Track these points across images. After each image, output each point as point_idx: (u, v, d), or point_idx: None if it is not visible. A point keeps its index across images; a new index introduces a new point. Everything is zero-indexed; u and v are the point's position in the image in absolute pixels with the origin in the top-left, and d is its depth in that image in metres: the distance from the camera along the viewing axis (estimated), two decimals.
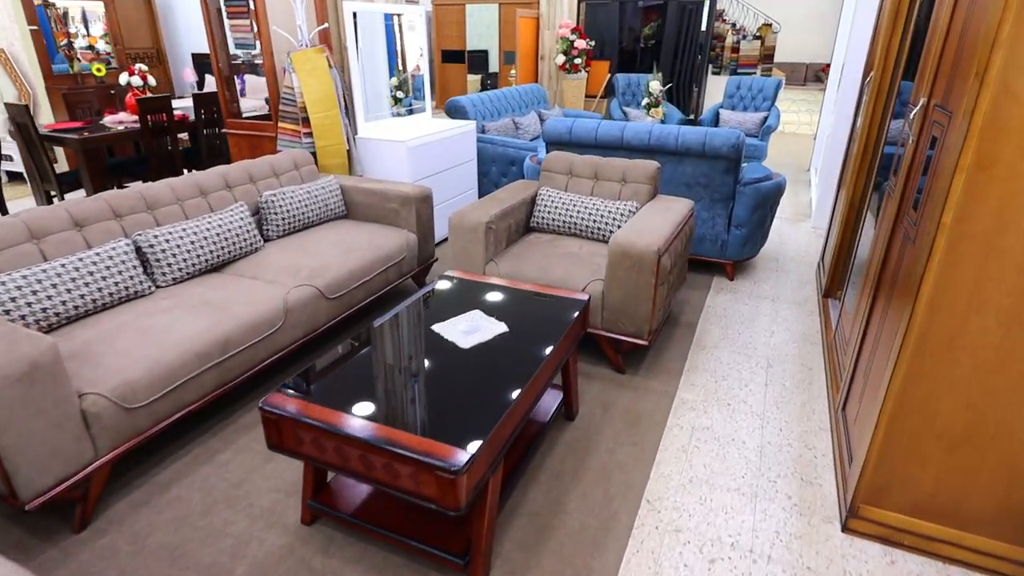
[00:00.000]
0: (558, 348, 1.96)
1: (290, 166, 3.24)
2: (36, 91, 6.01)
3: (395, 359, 1.87)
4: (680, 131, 3.41)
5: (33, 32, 5.61)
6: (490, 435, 1.51)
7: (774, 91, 6.35)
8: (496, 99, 5.51)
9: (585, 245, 2.90)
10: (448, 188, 4.22)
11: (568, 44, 6.66)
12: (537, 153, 4.35)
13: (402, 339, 1.95)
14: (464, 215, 2.79)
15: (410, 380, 1.75)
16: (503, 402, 1.63)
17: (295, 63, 3.45)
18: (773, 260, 4.01)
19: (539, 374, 1.81)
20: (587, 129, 3.62)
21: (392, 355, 1.88)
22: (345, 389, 1.69)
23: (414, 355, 1.88)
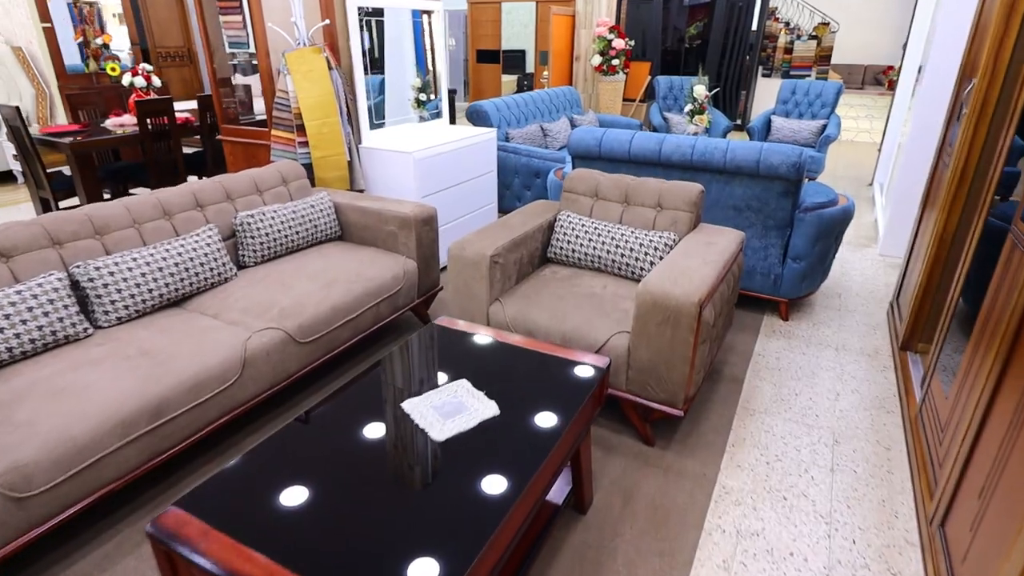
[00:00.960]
0: (564, 441, 1.50)
1: (276, 181, 2.86)
2: (51, 90, 5.84)
3: (343, 455, 1.43)
4: (729, 146, 2.89)
5: (46, 29, 5.44)
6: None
7: (834, 96, 5.71)
8: (523, 103, 5.06)
9: (610, 284, 2.42)
10: (463, 203, 3.78)
11: (605, 44, 6.15)
12: (564, 166, 3.88)
13: (358, 423, 1.51)
14: (465, 246, 2.34)
15: (357, 496, 1.31)
16: (478, 534, 1.18)
17: (290, 64, 3.07)
18: (834, 296, 3.44)
19: (534, 483, 1.35)
20: (619, 141, 3.13)
21: (340, 448, 1.44)
22: (264, 506, 1.26)
23: (367, 452, 1.44)
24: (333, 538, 1.17)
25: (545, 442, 1.45)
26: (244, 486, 1.31)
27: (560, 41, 6.56)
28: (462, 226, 3.81)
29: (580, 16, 6.61)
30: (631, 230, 2.48)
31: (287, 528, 1.19)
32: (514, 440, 1.46)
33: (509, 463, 1.38)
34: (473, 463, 1.38)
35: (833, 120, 5.57)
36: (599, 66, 6.22)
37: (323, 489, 1.30)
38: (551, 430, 1.49)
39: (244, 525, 1.20)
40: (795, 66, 9.76)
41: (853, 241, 4.34)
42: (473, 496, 1.28)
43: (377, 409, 1.57)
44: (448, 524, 1.21)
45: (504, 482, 1.31)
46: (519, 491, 1.29)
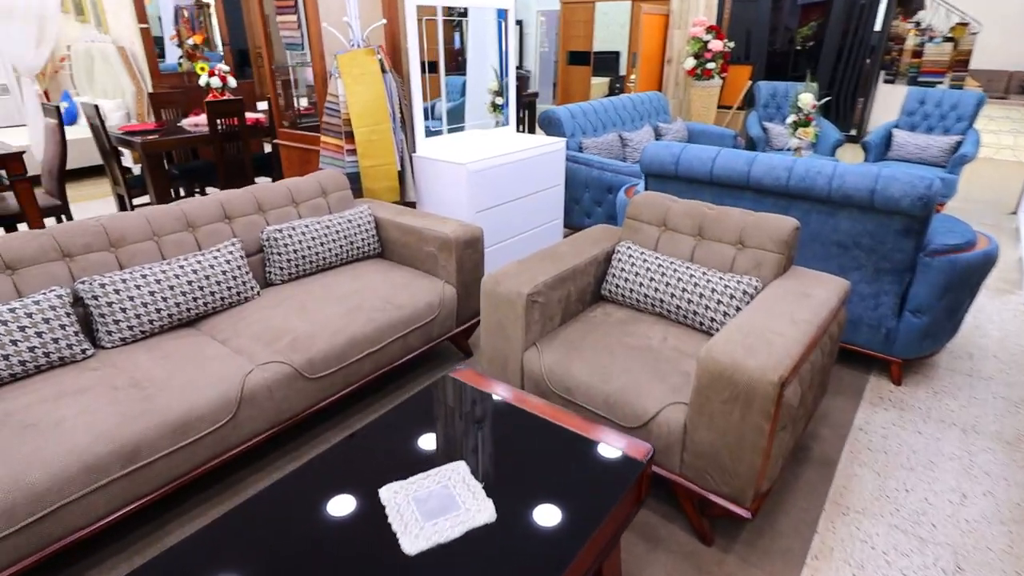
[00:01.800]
0: (578, 564, 1.14)
1: (314, 192, 2.66)
2: (150, 89, 6.11)
3: (284, 563, 1.15)
4: (837, 170, 2.37)
5: (143, 30, 5.67)
6: None
7: (973, 108, 4.86)
8: (602, 110, 4.65)
9: (672, 335, 2.00)
10: (524, 219, 3.46)
11: (701, 45, 5.61)
12: (639, 182, 3.46)
13: (316, 514, 1.23)
14: (501, 280, 2.01)
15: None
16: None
17: (341, 66, 2.87)
18: (964, 355, 2.80)
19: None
20: (700, 160, 2.69)
21: (282, 552, 1.16)
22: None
23: (314, 563, 1.15)
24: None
25: (550, 569, 1.10)
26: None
27: (651, 42, 6.08)
28: (522, 243, 3.49)
29: (675, 15, 6.09)
30: (703, 271, 2.05)
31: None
32: (508, 561, 1.12)
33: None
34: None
35: (970, 136, 4.74)
36: (692, 70, 5.69)
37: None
38: (562, 549, 1.14)
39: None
40: (925, 71, 8.64)
41: (991, 285, 3.60)
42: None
43: (348, 493, 1.28)
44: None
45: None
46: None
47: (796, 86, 5.51)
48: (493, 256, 3.28)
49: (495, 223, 3.25)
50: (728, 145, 5.22)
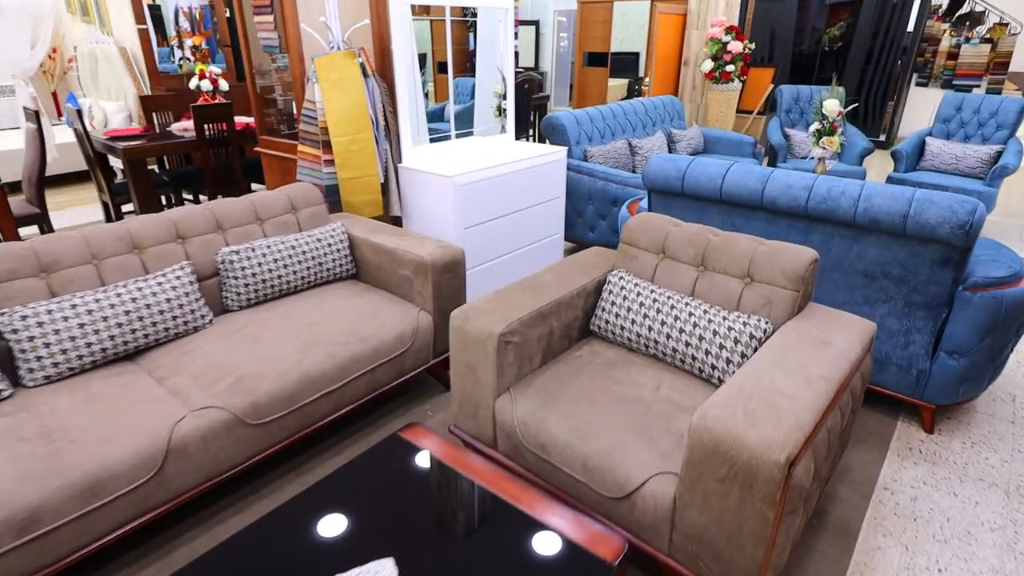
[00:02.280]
0: None
1: (283, 207, 2.44)
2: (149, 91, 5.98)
3: None
4: (864, 191, 2.08)
5: (141, 31, 5.54)
6: None
7: (1016, 116, 4.48)
8: (610, 115, 4.38)
9: (667, 382, 1.74)
10: (520, 235, 3.21)
11: (719, 47, 5.30)
12: (644, 196, 3.18)
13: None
14: (471, 316, 1.77)
15: None
16: None
17: (319, 70, 2.66)
18: (1006, 397, 2.48)
19: None
20: (709, 176, 2.41)
21: None
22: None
23: None
24: None
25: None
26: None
27: (667, 43, 5.79)
28: (517, 261, 3.24)
29: (692, 15, 5.79)
30: (705, 309, 1.78)
31: None
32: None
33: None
34: None
35: (1012, 146, 4.37)
36: (710, 72, 5.38)
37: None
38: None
39: None
40: (960, 74, 8.18)
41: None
42: None
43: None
44: None
45: None
46: None
47: (821, 90, 5.17)
48: (484, 276, 3.04)
49: (487, 240, 3.00)
50: (747, 153, 4.91)
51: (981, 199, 4.15)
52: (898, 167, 4.63)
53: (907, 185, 4.57)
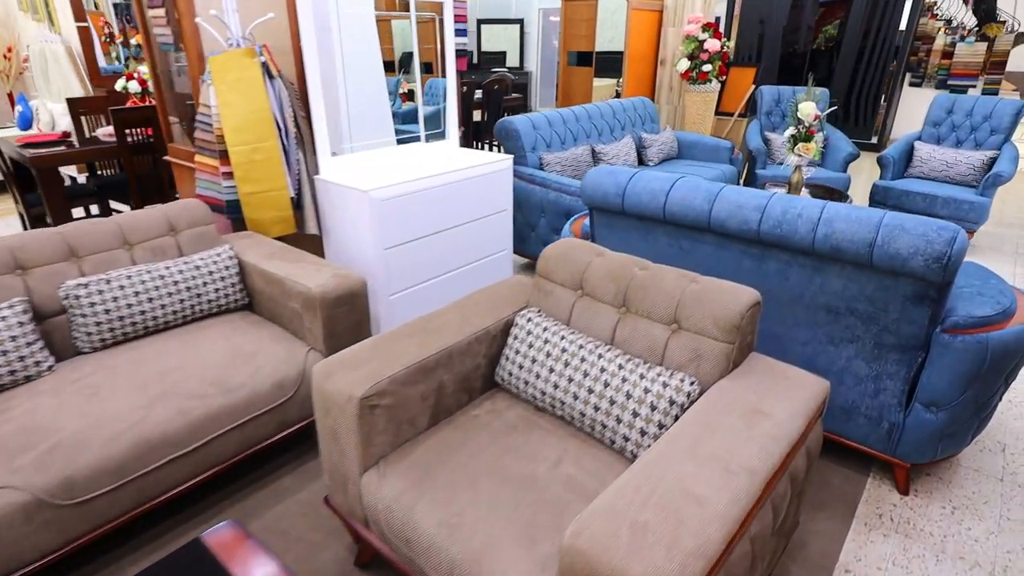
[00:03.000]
0: None
1: (158, 229, 2.12)
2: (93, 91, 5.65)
3: None
4: (826, 213, 1.76)
5: (80, 29, 5.22)
6: None
7: (1011, 118, 4.16)
8: (572, 119, 4.05)
9: (571, 453, 1.42)
10: (459, 253, 2.88)
11: (695, 45, 4.98)
12: None
13: None
14: (333, 371, 1.44)
15: None
16: None
17: (213, 71, 2.33)
18: (994, 447, 2.16)
19: None
20: (651, 192, 2.08)
21: None
22: None
23: None
24: None
25: None
26: None
27: (641, 41, 5.47)
28: (457, 282, 2.91)
29: (669, 12, 5.47)
30: (620, 363, 1.45)
31: None
32: None
33: None
34: None
35: (1007, 152, 4.04)
36: (686, 72, 5.06)
37: None
38: None
39: None
40: (955, 74, 7.86)
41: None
42: None
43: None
44: None
45: None
46: None
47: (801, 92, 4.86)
48: (414, 301, 2.71)
49: (416, 260, 2.67)
50: (724, 159, 4.58)
51: (972, 209, 3.84)
52: (884, 174, 4.31)
53: (894, 192, 4.29)
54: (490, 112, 5.99)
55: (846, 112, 8.04)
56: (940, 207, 3.96)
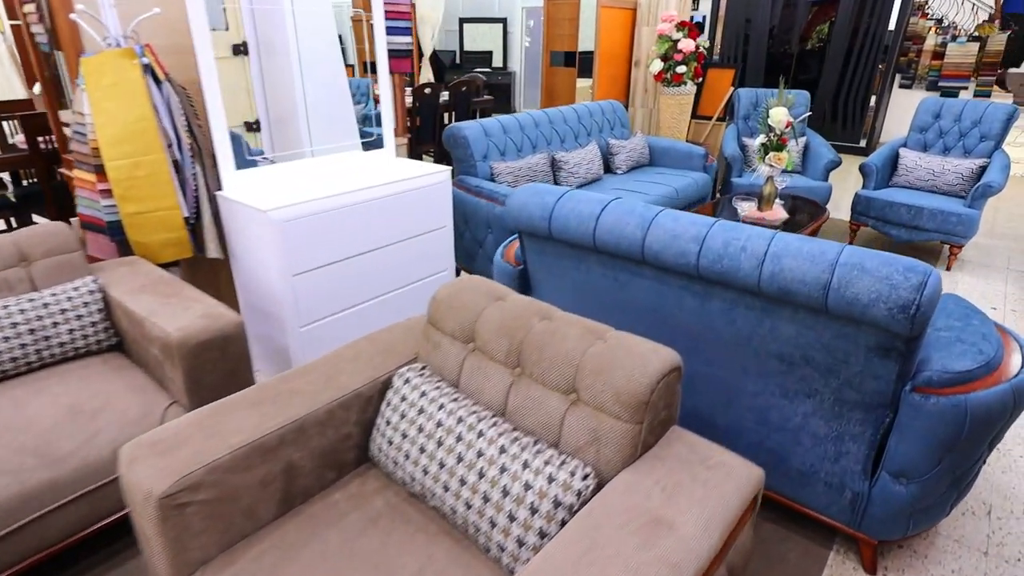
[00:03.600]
0: None
1: (6, 259, 1.81)
2: None
3: None
4: (773, 246, 1.46)
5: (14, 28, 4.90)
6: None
7: (1003, 123, 3.87)
8: (531, 124, 3.76)
9: (439, 560, 1.12)
10: (390, 276, 2.58)
11: (669, 45, 4.69)
12: None
13: None
14: (138, 456, 1.14)
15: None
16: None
17: (86, 74, 2.03)
18: (978, 509, 1.87)
19: None
20: (580, 216, 1.79)
21: None
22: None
23: None
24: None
25: None
26: None
27: (612, 40, 5.18)
28: (388, 307, 2.61)
29: (643, 9, 5.18)
30: (504, 444, 1.15)
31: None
32: None
33: None
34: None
35: (997, 160, 3.76)
36: (659, 74, 4.77)
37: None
38: None
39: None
40: (946, 75, 7.58)
41: None
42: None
43: None
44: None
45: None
46: None
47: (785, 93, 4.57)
48: (334, 332, 2.41)
49: (334, 287, 2.37)
50: (697, 166, 4.29)
51: (960, 222, 3.56)
52: (867, 183, 4.02)
53: (877, 203, 4.00)
54: (458, 116, 5.69)
55: (834, 114, 7.77)
56: (926, 219, 3.67)
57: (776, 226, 3.18)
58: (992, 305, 3.29)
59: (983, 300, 3.34)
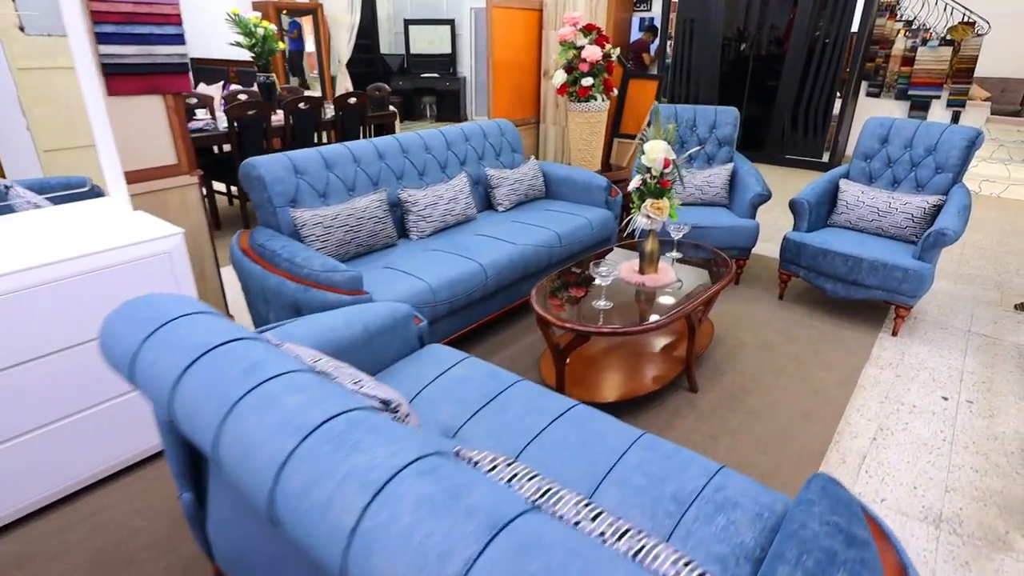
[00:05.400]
0: None
1: None
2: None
3: None
4: (374, 508, 0.69)
5: None
6: None
7: (962, 152, 3.12)
8: (371, 155, 2.97)
9: None
10: (71, 392, 1.80)
11: (573, 53, 3.92)
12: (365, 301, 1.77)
13: None
14: None
15: None
16: None
17: None
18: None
19: None
20: (159, 371, 1.01)
21: None
22: None
23: None
24: None
25: None
26: None
27: (513, 48, 4.42)
28: (71, 434, 1.83)
29: (549, 10, 4.42)
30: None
31: None
32: None
33: None
34: None
35: (955, 199, 3.00)
36: (562, 87, 4.00)
37: None
38: None
39: None
40: (917, 82, 6.86)
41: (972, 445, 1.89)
42: None
43: None
44: None
45: None
46: None
47: (706, 110, 3.82)
48: None
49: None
50: (598, 201, 3.53)
51: (907, 279, 2.79)
52: (799, 223, 3.27)
53: (808, 251, 3.10)
54: (345, 135, 4.91)
55: (793, 126, 7.03)
56: (866, 274, 2.92)
57: (668, 292, 2.41)
58: (944, 393, 2.54)
59: (933, 385, 2.59)
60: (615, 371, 2.50)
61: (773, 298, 3.40)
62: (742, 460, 2.11)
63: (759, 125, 7.27)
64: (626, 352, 2.62)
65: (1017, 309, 3.32)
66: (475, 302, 2.69)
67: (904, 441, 2.24)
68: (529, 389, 1.71)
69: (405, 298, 2.33)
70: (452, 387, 1.72)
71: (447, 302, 2.50)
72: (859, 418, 2.36)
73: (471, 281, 2.60)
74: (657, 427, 2.28)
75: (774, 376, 2.63)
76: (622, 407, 2.36)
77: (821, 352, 2.83)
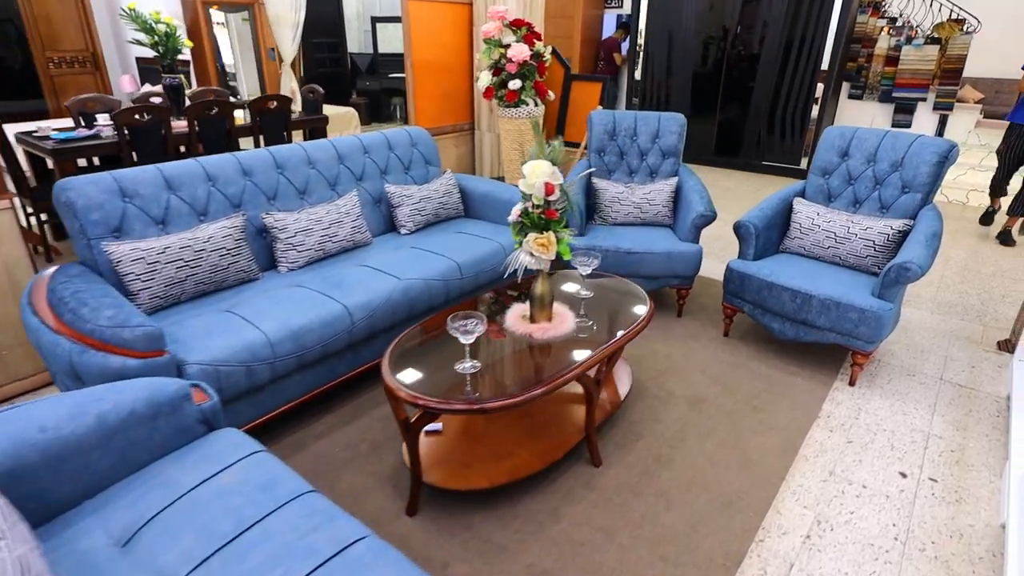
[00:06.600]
0: None
1: None
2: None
3: None
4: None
5: None
6: None
7: (933, 168, 2.65)
8: (238, 170, 2.51)
9: None
10: None
11: (497, 52, 3.45)
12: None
13: None
14: None
15: None
16: None
17: None
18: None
19: None
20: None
21: None
22: None
23: None
24: None
25: None
26: None
27: (438, 45, 3.95)
28: None
29: (478, 5, 3.95)
30: None
31: None
32: None
33: None
34: None
35: (924, 223, 2.54)
36: (488, 90, 3.54)
37: None
38: None
39: None
40: (901, 83, 6.40)
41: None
42: None
43: None
44: None
45: None
46: None
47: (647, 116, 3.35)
48: None
49: None
50: None
51: (863, 322, 2.31)
52: (744, 250, 2.81)
53: (753, 283, 2.34)
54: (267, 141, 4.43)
55: (770, 130, 6.57)
56: (816, 313, 2.46)
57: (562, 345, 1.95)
58: (902, 468, 2.08)
59: (891, 455, 2.13)
60: (494, 444, 2.03)
61: (718, 334, 2.94)
62: (634, 571, 1.65)
63: (734, 129, 6.81)
64: (512, 419, 2.15)
65: (1000, 348, 2.87)
66: (339, 352, 2.23)
67: (845, 540, 1.78)
68: (311, 509, 1.25)
69: (229, 355, 1.87)
70: (205, 504, 1.26)
71: (294, 356, 2.04)
72: (794, 505, 1.90)
73: (330, 328, 2.14)
74: (540, 517, 1.82)
75: (699, 440, 2.17)
76: (500, 491, 1.90)
77: (762, 408, 2.37)
